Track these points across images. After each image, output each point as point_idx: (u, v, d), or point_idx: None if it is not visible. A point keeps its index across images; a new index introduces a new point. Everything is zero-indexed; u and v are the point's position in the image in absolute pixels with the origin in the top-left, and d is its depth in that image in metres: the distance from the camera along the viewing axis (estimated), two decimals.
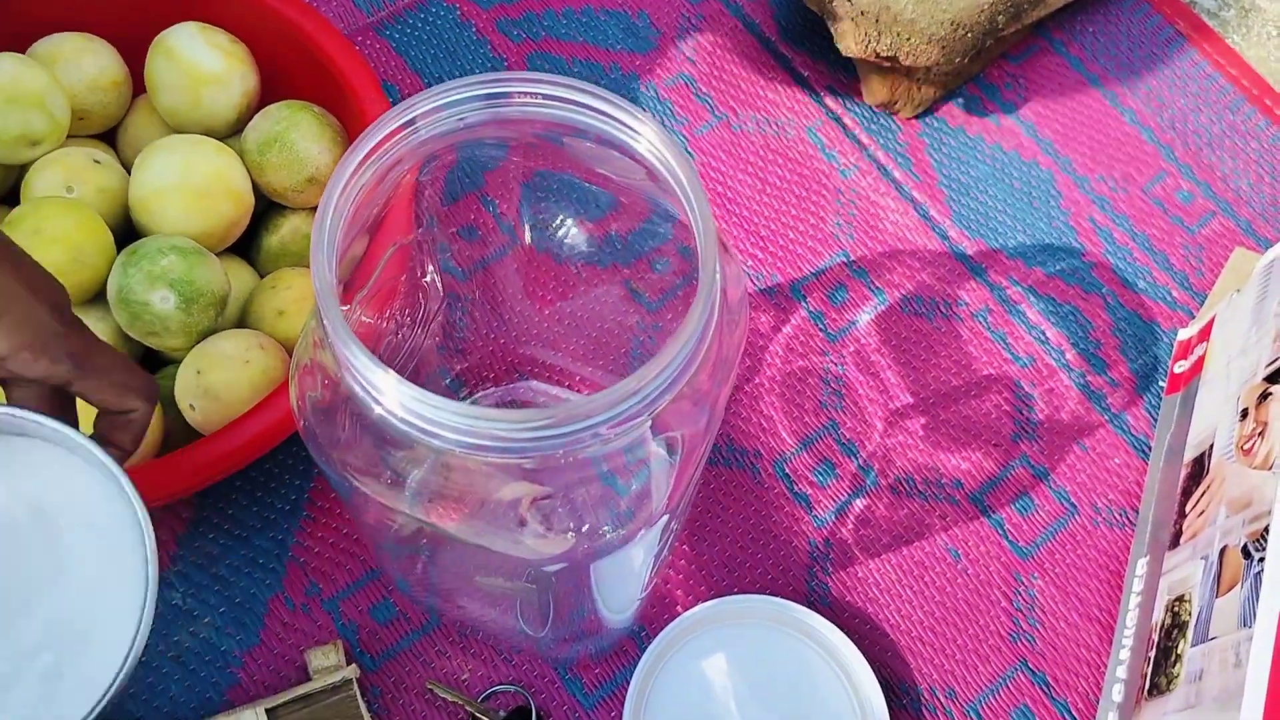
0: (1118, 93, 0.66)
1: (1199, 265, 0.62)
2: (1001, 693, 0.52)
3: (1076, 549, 0.55)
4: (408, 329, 0.44)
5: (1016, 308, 0.60)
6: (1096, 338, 0.60)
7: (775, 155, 0.63)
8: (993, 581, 0.54)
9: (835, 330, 0.59)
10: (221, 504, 0.53)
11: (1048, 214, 0.63)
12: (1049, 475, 0.57)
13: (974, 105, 0.65)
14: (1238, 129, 0.65)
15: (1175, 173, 0.64)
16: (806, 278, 0.61)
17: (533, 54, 0.65)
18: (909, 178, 0.63)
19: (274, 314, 0.50)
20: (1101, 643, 0.53)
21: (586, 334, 0.53)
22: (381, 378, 0.30)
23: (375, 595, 0.52)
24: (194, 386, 0.47)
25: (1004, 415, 0.58)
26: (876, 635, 0.53)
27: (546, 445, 0.31)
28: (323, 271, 0.29)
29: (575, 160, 0.41)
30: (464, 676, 0.51)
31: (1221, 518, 0.47)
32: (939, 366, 0.59)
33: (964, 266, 0.61)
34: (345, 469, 0.36)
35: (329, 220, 0.30)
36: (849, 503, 0.56)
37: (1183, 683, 0.44)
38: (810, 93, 0.65)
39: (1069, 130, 0.65)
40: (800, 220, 0.62)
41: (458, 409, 0.30)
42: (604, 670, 0.52)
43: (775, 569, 0.54)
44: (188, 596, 0.52)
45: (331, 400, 0.34)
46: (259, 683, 0.50)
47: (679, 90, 0.65)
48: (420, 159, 0.35)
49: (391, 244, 0.41)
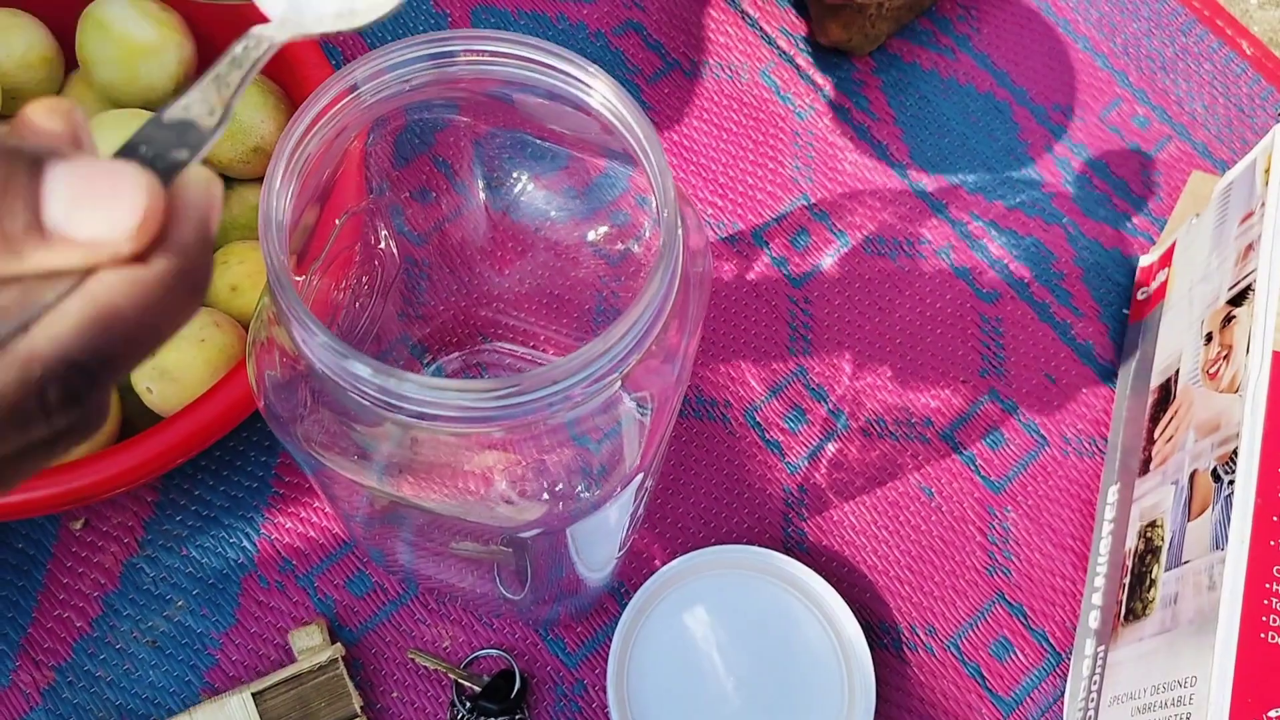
0: (1070, 20, 0.65)
1: (1158, 190, 0.62)
2: (980, 626, 0.53)
3: (1048, 480, 0.55)
4: (366, 297, 0.43)
5: (979, 242, 0.60)
6: (1059, 269, 0.60)
7: (730, 100, 0.62)
8: (967, 517, 0.55)
9: (799, 275, 0.59)
10: (187, 485, 0.53)
11: (1006, 146, 0.62)
12: (1018, 409, 0.57)
13: (927, 39, 0.64)
14: (1190, 51, 0.65)
15: (1130, 98, 0.64)
16: (768, 223, 0.60)
17: (477, 8, 0.63)
18: (866, 117, 0.62)
19: (227, 290, 0.49)
20: (1077, 572, 0.54)
21: (548, 292, 0.53)
22: (338, 349, 0.29)
23: (350, 569, 0.52)
24: (149, 368, 0.46)
25: (971, 351, 0.58)
26: (855, 578, 0.53)
27: (515, 412, 0.31)
28: (273, 246, 0.28)
29: (526, 117, 0.40)
30: (445, 644, 0.51)
31: (1190, 442, 0.47)
32: (904, 306, 0.58)
33: (925, 204, 0.61)
34: (309, 446, 0.35)
35: (276, 191, 0.29)
36: (821, 447, 0.55)
37: (1158, 607, 0.45)
38: (762, 35, 0.64)
39: (1023, 61, 0.64)
40: (758, 165, 0.61)
41: (421, 381, 0.29)
42: (585, 629, 0.52)
43: (751, 518, 0.54)
44: (159, 581, 0.51)
45: (291, 377, 0.33)
46: (238, 664, 0.50)
47: (629, 38, 0.63)
48: (367, 124, 0.34)
49: (343, 212, 0.40)
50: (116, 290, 0.20)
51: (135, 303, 0.20)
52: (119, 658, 0.50)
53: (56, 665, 0.50)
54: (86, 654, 0.50)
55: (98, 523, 0.52)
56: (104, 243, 0.19)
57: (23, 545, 0.51)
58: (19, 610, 0.50)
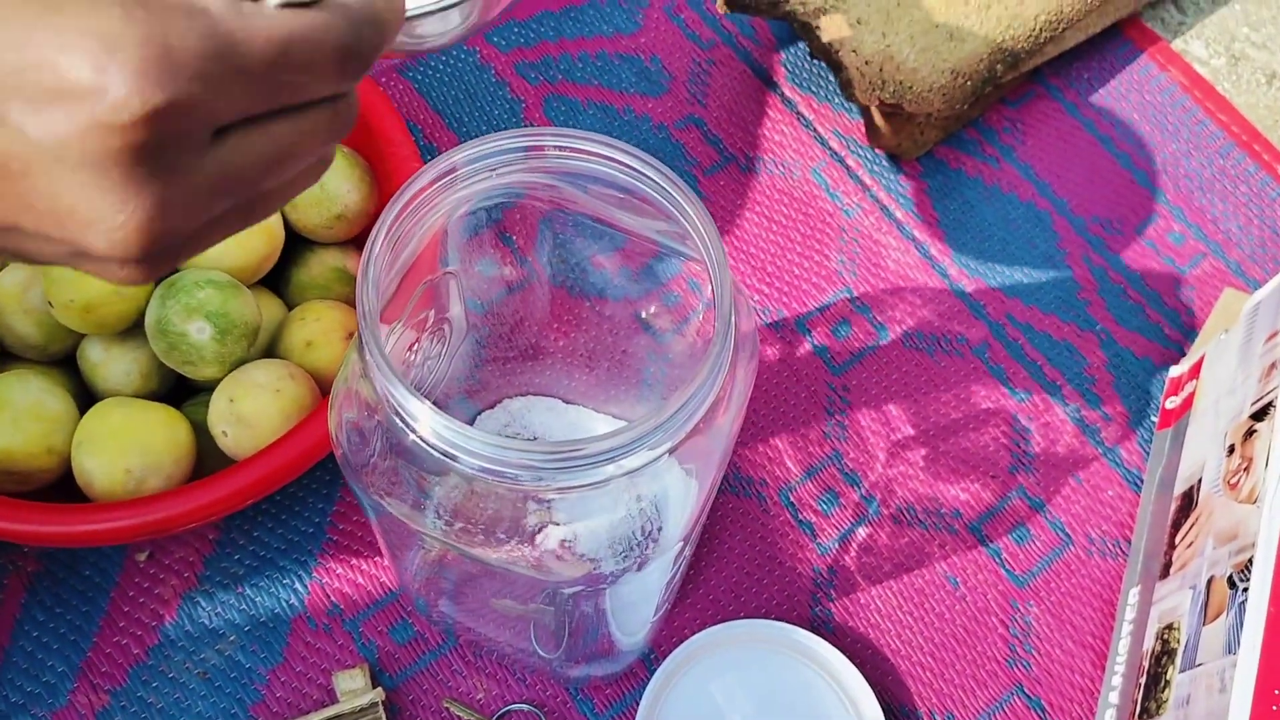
0: (1112, 137, 0.69)
1: (1190, 304, 0.64)
2: (998, 717, 0.54)
3: (1071, 578, 0.57)
4: (434, 360, 0.47)
5: (1014, 344, 0.62)
6: (1091, 373, 0.62)
7: (781, 195, 0.66)
8: (990, 609, 0.56)
9: (839, 364, 0.61)
10: (247, 526, 0.56)
11: (1045, 253, 0.65)
12: (1045, 506, 0.59)
13: (973, 148, 0.68)
14: (1228, 173, 0.68)
15: (1167, 215, 0.66)
16: (811, 313, 0.63)
17: (549, 96, 0.68)
18: (910, 217, 0.65)
19: (303, 345, 0.53)
20: (1095, 669, 0.55)
21: (600, 364, 0.56)
22: (417, 407, 0.32)
23: (394, 616, 0.54)
24: (227, 414, 0.49)
25: (1002, 448, 0.60)
26: (878, 660, 0.55)
27: (571, 474, 0.33)
28: (368, 308, 0.32)
29: (590, 206, 0.43)
30: (479, 696, 0.53)
31: (1209, 549, 0.49)
32: (939, 400, 0.61)
33: (964, 304, 0.63)
34: (377, 492, 0.38)
35: (375, 256, 0.32)
36: (852, 531, 0.58)
37: (1171, 707, 0.46)
38: (815, 135, 0.67)
39: (1065, 173, 0.67)
40: (805, 258, 0.64)
41: (487, 439, 0.32)
42: (614, 691, 0.53)
43: (780, 594, 0.56)
44: (214, 615, 0.54)
45: (367, 427, 0.36)
46: (283, 700, 0.52)
47: (689, 132, 0.67)
48: (453, 205, 0.37)
49: (422, 281, 0.43)
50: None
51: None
52: (171, 687, 0.52)
53: (112, 689, 0.52)
54: (141, 680, 0.52)
55: (161, 556, 0.55)
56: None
57: (90, 573, 0.54)
58: (81, 634, 0.53)
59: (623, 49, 0.69)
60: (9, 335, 0.52)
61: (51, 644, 0.53)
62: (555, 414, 0.55)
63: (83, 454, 0.48)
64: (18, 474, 0.49)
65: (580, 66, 0.69)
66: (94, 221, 0.22)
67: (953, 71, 0.61)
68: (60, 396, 0.50)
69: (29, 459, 0.49)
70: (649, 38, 0.69)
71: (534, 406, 0.56)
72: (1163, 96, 0.70)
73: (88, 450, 0.48)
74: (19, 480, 0.49)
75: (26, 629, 0.53)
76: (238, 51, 0.22)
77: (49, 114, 0.21)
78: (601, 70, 0.68)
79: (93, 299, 0.49)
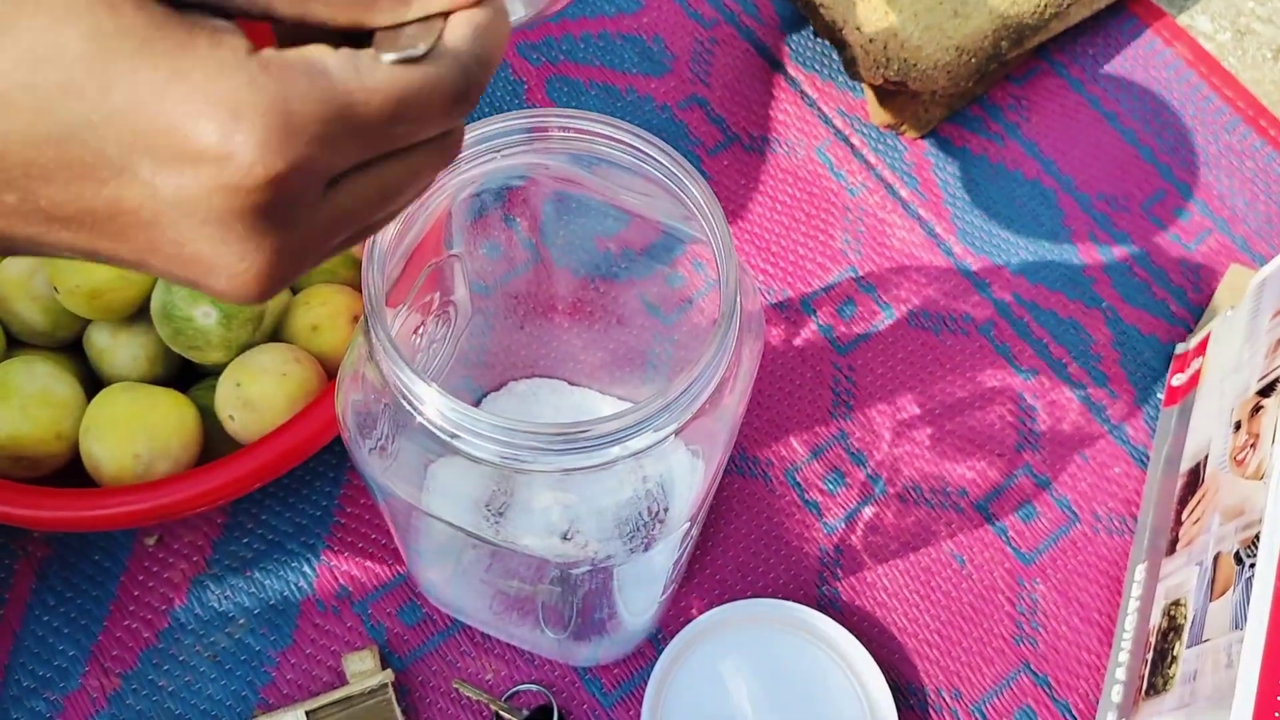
0: (1117, 113, 0.68)
1: (1196, 281, 0.64)
2: (1005, 693, 0.54)
3: (1077, 555, 0.57)
4: (439, 343, 0.47)
5: (1020, 321, 0.62)
6: (1097, 351, 0.62)
7: (785, 174, 0.66)
8: (997, 586, 0.56)
9: (844, 344, 0.61)
10: (255, 510, 0.56)
11: (1051, 231, 0.65)
12: (1051, 484, 0.59)
13: (978, 126, 0.67)
14: (1234, 149, 0.68)
15: (1173, 191, 0.66)
16: (816, 292, 0.63)
17: (552, 77, 0.67)
18: (915, 196, 0.65)
19: (308, 329, 0.53)
20: (1101, 645, 0.55)
21: (604, 346, 0.56)
22: (424, 389, 0.32)
23: (403, 598, 0.54)
24: (233, 398, 0.50)
25: (1008, 426, 0.60)
26: (884, 638, 0.55)
27: (577, 455, 0.34)
28: (373, 292, 0.32)
29: (594, 185, 0.43)
30: (488, 676, 0.53)
31: (1215, 525, 0.49)
32: (945, 379, 0.61)
33: (969, 282, 0.63)
34: (384, 476, 0.38)
35: (378, 244, 0.32)
36: (858, 510, 0.58)
37: (1178, 683, 0.46)
38: (819, 114, 0.67)
39: (1070, 150, 0.67)
40: (809, 237, 0.64)
41: (494, 420, 0.32)
42: (622, 671, 0.54)
43: (786, 574, 0.56)
44: (223, 599, 0.54)
45: (374, 409, 0.36)
46: (292, 683, 0.53)
47: (693, 112, 0.67)
48: (458, 187, 0.37)
49: (427, 264, 0.43)
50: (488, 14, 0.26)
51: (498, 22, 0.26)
52: (181, 669, 0.53)
53: (123, 673, 0.53)
54: (151, 664, 0.53)
55: (170, 540, 0.55)
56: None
57: (99, 558, 0.55)
58: (92, 618, 0.54)
59: (625, 29, 0.69)
60: (15, 321, 0.52)
61: (62, 628, 0.53)
62: (561, 396, 0.55)
63: (91, 439, 0.49)
64: (26, 459, 0.49)
65: (582, 47, 0.68)
66: (217, 268, 0.25)
67: (957, 49, 0.60)
68: (67, 382, 0.50)
69: (37, 444, 0.49)
70: (651, 17, 0.69)
71: (540, 389, 0.56)
72: (1168, 72, 0.69)
73: (95, 436, 0.48)
74: (28, 466, 0.49)
75: (37, 614, 0.53)
76: (355, 113, 0.24)
77: (178, 174, 0.23)
78: (603, 50, 0.68)
79: (98, 284, 0.49)
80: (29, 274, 0.51)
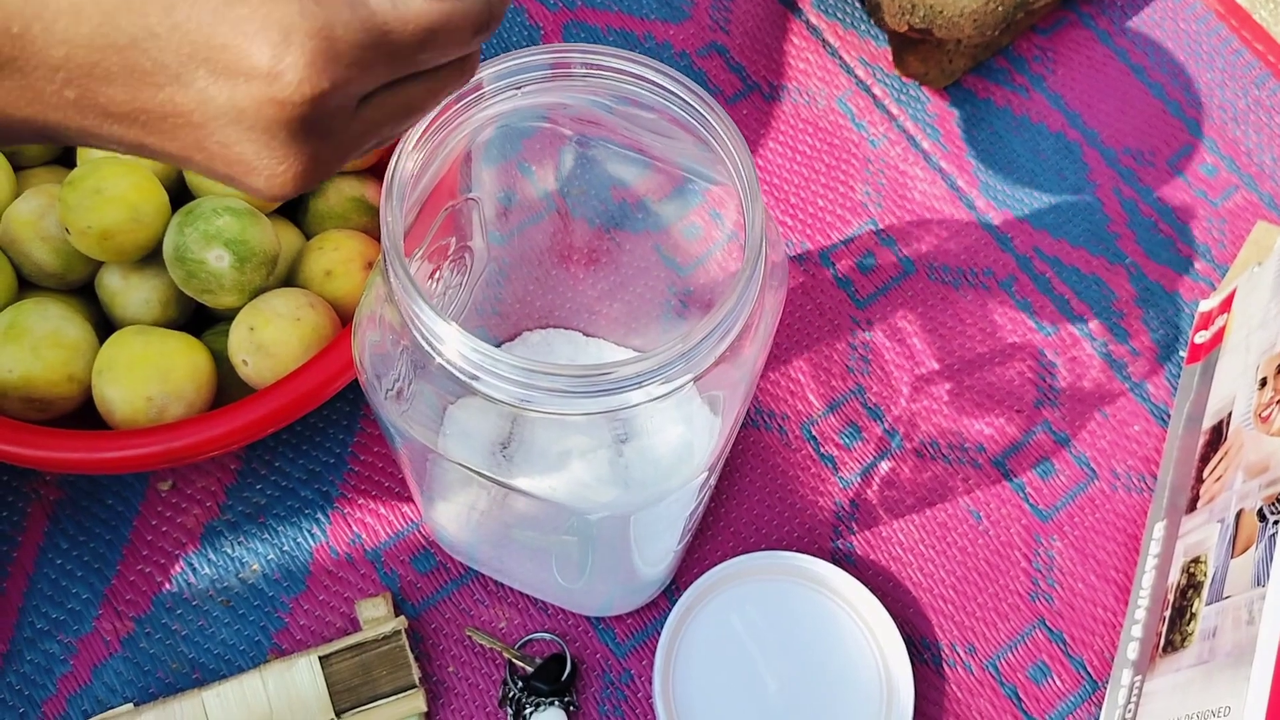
0: (1145, 66, 0.67)
1: (1222, 238, 0.63)
2: (1020, 649, 0.54)
3: (1095, 512, 0.57)
4: (455, 289, 0.46)
5: (1042, 277, 0.61)
6: (1120, 308, 0.61)
7: (806, 124, 0.65)
8: (1013, 543, 0.56)
9: (863, 297, 0.61)
10: (268, 456, 0.55)
11: (1074, 185, 0.64)
12: (1070, 441, 0.58)
13: (1003, 78, 0.66)
14: (1263, 104, 0.66)
15: (1200, 146, 0.65)
16: (835, 245, 0.62)
17: (569, 23, 0.66)
18: (937, 148, 0.64)
19: (322, 274, 0.52)
20: (1118, 603, 0.55)
21: (620, 298, 0.55)
22: (444, 329, 0.32)
23: (416, 546, 0.54)
24: (247, 342, 0.49)
25: (1027, 382, 0.59)
26: (899, 593, 0.55)
27: (597, 398, 0.33)
28: (393, 231, 0.31)
29: (616, 127, 0.42)
30: (501, 625, 0.53)
31: (1238, 483, 0.48)
32: (964, 334, 0.60)
33: (991, 236, 0.62)
34: (401, 419, 0.37)
35: (397, 179, 0.32)
36: (874, 465, 0.57)
37: (1197, 639, 0.46)
38: (840, 63, 0.66)
39: (1096, 103, 0.66)
40: (829, 189, 0.63)
41: (515, 361, 0.32)
42: (636, 621, 0.54)
43: (801, 528, 0.56)
44: (236, 544, 0.54)
45: (392, 351, 0.36)
46: (305, 628, 0.52)
47: (712, 60, 0.66)
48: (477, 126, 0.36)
49: (444, 207, 0.42)
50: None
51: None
52: (195, 614, 0.53)
53: (136, 616, 0.53)
54: (165, 608, 0.53)
55: (184, 486, 0.55)
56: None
57: (113, 502, 0.54)
58: (105, 562, 0.53)
59: None
60: (26, 263, 0.51)
61: (76, 571, 0.53)
62: (576, 347, 0.55)
63: (104, 382, 0.48)
64: (38, 401, 0.49)
65: None
66: (257, 169, 0.28)
67: None
68: (79, 324, 0.50)
69: (49, 386, 0.49)
70: None
71: (554, 339, 0.55)
72: (1198, 25, 0.68)
73: (109, 378, 0.48)
74: (39, 408, 0.49)
75: (50, 556, 0.53)
76: (390, 40, 0.27)
77: (231, 86, 0.26)
78: None
79: (109, 226, 0.49)
80: (40, 215, 0.51)
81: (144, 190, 0.49)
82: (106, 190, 0.48)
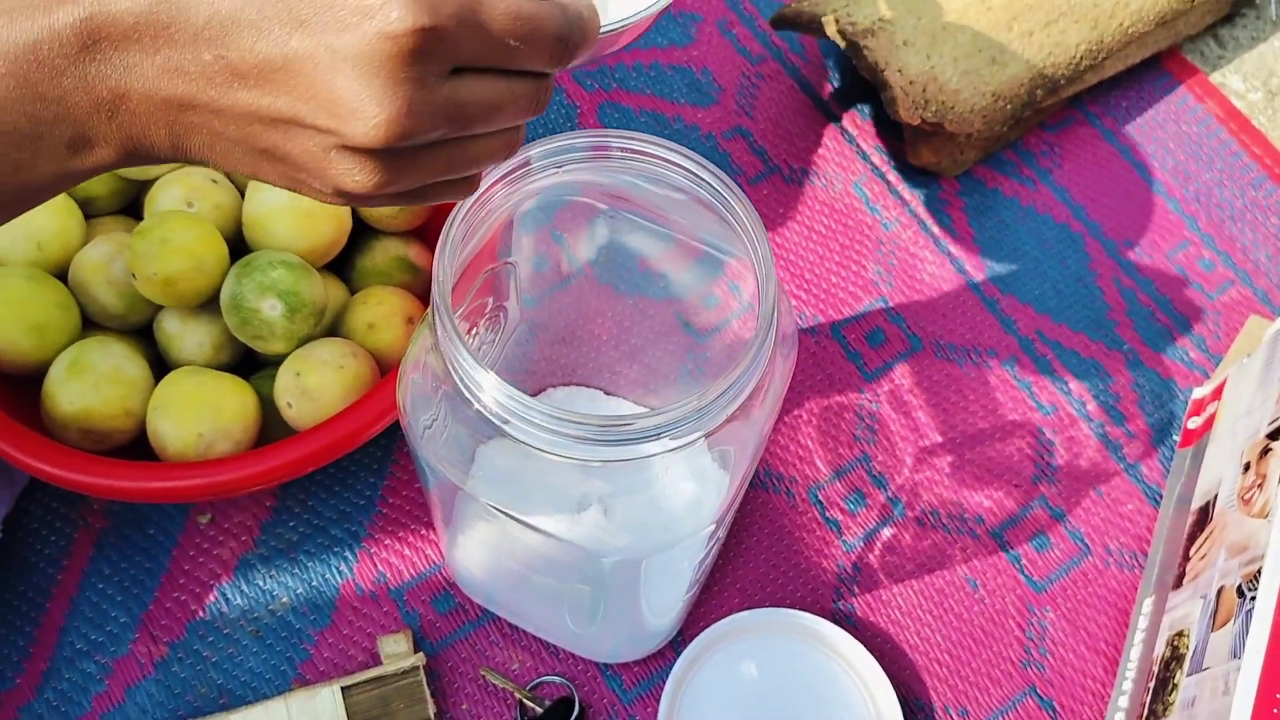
0: (1147, 165, 0.71)
1: (1216, 329, 0.66)
2: (1010, 715, 0.56)
3: (1087, 586, 0.59)
4: (489, 345, 0.50)
5: (1043, 359, 0.65)
6: (1117, 391, 0.64)
7: (823, 206, 0.68)
8: (1007, 611, 0.58)
9: (871, 370, 0.64)
10: (302, 496, 0.59)
11: (1077, 274, 0.67)
12: (1065, 517, 0.61)
13: (1011, 169, 0.70)
14: (1259, 204, 0.70)
15: (1198, 242, 0.68)
16: (846, 320, 0.65)
17: (604, 103, 0.71)
18: (947, 234, 0.68)
19: (364, 326, 0.56)
20: (1106, 674, 0.57)
21: (640, 359, 0.58)
22: (483, 377, 0.35)
23: (437, 588, 0.57)
24: (293, 387, 0.53)
25: (1026, 458, 0.62)
26: (896, 654, 0.57)
27: (618, 446, 0.36)
28: (443, 287, 0.34)
29: (644, 203, 0.46)
30: (514, 666, 0.56)
31: (1221, 560, 0.51)
32: (967, 409, 0.63)
33: (995, 318, 0.66)
34: (436, 458, 0.41)
35: (450, 240, 0.35)
36: (877, 530, 0.60)
37: (1177, 709, 0.48)
38: (858, 151, 0.70)
39: (1099, 197, 0.69)
40: (843, 267, 0.67)
41: (544, 409, 0.35)
42: (643, 669, 0.56)
43: (804, 587, 0.58)
44: (268, 577, 0.57)
45: (432, 396, 0.39)
46: (329, 660, 0.55)
47: (736, 142, 0.70)
48: (521, 198, 0.40)
49: (484, 270, 0.46)
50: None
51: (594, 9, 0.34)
52: (225, 642, 0.56)
53: (170, 641, 0.56)
54: (197, 635, 0.56)
55: (221, 520, 0.58)
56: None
57: (154, 532, 0.58)
58: (144, 589, 0.57)
59: (675, 60, 0.72)
60: (92, 305, 0.55)
61: (115, 596, 0.56)
62: (596, 404, 0.58)
63: (158, 417, 0.52)
64: (95, 433, 0.52)
65: (634, 75, 0.72)
66: (359, 111, 0.30)
67: (994, 94, 0.63)
68: (138, 363, 0.54)
69: (107, 419, 0.52)
70: (701, 51, 0.72)
71: (576, 396, 0.58)
72: (1199, 127, 0.72)
73: (163, 414, 0.52)
74: (96, 439, 0.53)
75: (93, 581, 0.57)
76: (484, 10, 0.31)
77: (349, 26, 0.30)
78: (654, 80, 0.71)
79: (173, 273, 0.53)
80: (107, 260, 0.55)
81: (207, 242, 0.54)
82: (173, 240, 0.52)
